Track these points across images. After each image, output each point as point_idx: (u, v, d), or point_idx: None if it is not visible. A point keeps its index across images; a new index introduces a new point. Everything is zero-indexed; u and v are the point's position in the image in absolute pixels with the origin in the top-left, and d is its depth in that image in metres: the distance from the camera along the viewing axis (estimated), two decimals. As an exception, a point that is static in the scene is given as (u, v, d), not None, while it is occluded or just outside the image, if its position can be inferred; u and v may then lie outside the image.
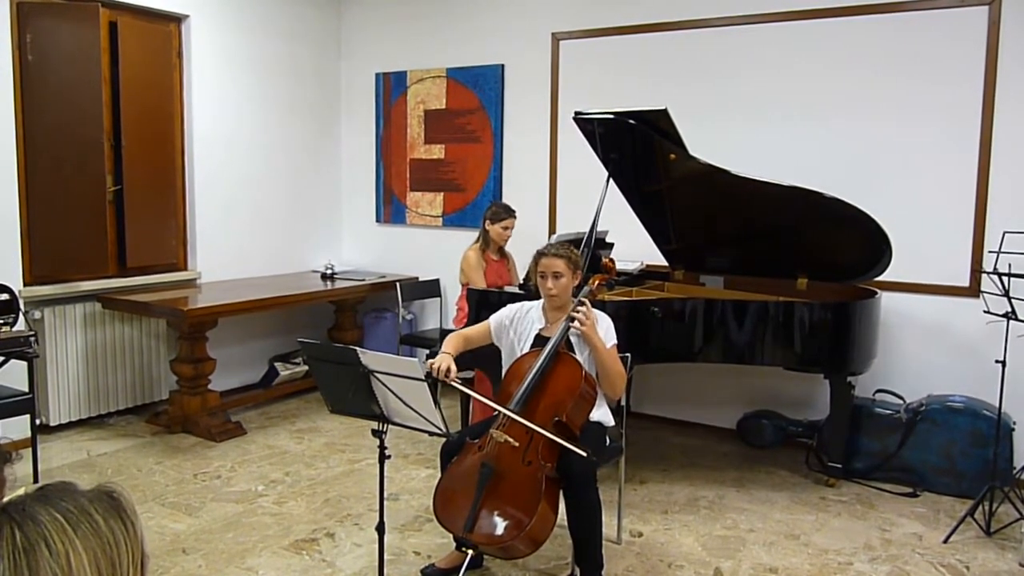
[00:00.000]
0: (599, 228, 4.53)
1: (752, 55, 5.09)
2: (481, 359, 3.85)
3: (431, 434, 2.88)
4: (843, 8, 4.79)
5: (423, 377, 2.72)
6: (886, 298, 4.61)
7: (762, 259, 4.77)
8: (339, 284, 6.15)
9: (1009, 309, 3.78)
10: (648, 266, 5.23)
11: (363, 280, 6.26)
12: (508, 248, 5.37)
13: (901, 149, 4.73)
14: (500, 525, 3.02)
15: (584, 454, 2.98)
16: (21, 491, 0.99)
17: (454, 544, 3.39)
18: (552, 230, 5.83)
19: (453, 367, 3.24)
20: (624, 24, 5.50)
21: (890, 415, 4.56)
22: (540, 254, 3.46)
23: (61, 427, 5.13)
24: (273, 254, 6.42)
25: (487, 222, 5.23)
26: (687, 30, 5.28)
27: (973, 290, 4.53)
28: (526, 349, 3.44)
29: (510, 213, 5.23)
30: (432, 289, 6.36)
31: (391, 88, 6.63)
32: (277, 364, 6.25)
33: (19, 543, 0.89)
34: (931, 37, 4.60)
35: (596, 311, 3.40)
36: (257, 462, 4.76)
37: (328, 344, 3.20)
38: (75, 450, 4.87)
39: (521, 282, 4.91)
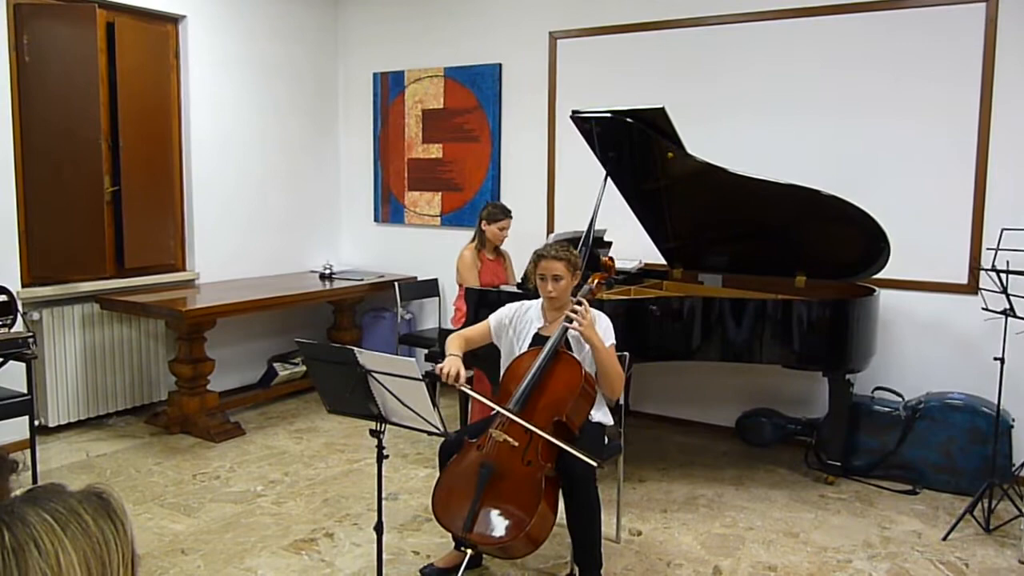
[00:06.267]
0: (597, 227, 4.53)
1: (749, 53, 5.09)
2: (480, 358, 3.86)
3: (429, 434, 2.88)
4: (840, 5, 4.79)
5: (421, 377, 2.72)
6: (884, 296, 4.61)
7: (760, 257, 4.76)
8: (337, 284, 6.15)
9: (1007, 306, 3.77)
10: (646, 265, 5.23)
11: (361, 280, 6.25)
12: (504, 246, 5.37)
13: (899, 146, 4.72)
14: (500, 525, 3.01)
15: (594, 463, 2.97)
16: (18, 492, 0.99)
17: (453, 543, 3.40)
18: (550, 229, 5.83)
19: (463, 371, 3.25)
20: (621, 23, 5.50)
21: (889, 412, 4.56)
22: (539, 256, 3.44)
23: (60, 428, 5.13)
24: (271, 254, 6.42)
25: (483, 222, 5.23)
26: (685, 28, 5.28)
27: (971, 287, 4.53)
28: (524, 348, 3.43)
29: (506, 214, 5.23)
30: (430, 289, 6.36)
31: (389, 88, 6.63)
32: (276, 364, 6.25)
33: (8, 544, 0.89)
34: (928, 34, 4.59)
35: (594, 310, 3.39)
36: (256, 462, 4.76)
37: (326, 344, 3.19)
38: (74, 451, 4.87)
39: (519, 281, 4.91)
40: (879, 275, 4.52)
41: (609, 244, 5.11)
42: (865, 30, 4.75)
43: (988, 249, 4.08)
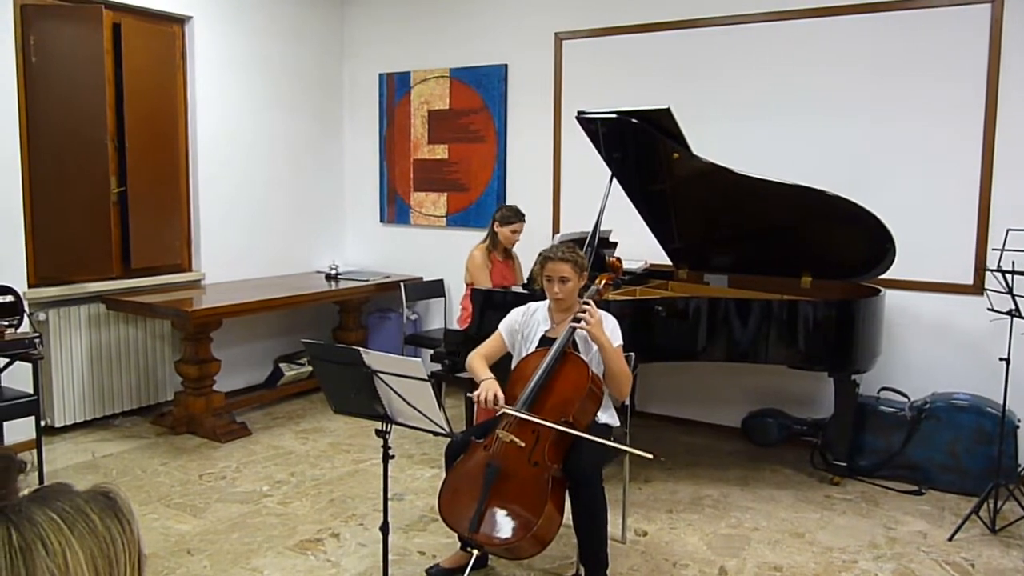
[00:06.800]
0: (603, 227, 4.53)
1: (756, 53, 5.08)
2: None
3: (435, 434, 2.88)
4: (846, 6, 4.78)
5: (426, 377, 2.72)
6: (890, 296, 4.61)
7: (766, 258, 4.76)
8: (343, 284, 6.15)
9: (1013, 307, 3.76)
10: (652, 265, 5.22)
11: (367, 280, 6.26)
12: (513, 249, 5.38)
13: (904, 147, 4.72)
14: (506, 526, 3.01)
15: (649, 456, 2.97)
16: (25, 492, 0.99)
17: (459, 544, 3.40)
18: (556, 229, 5.83)
19: (500, 392, 3.23)
20: (627, 23, 5.50)
21: (895, 413, 4.55)
22: (546, 258, 3.43)
23: (66, 428, 5.15)
24: (277, 255, 6.43)
25: (496, 224, 5.24)
26: (690, 29, 5.28)
27: (977, 288, 4.52)
28: (532, 350, 3.43)
29: (520, 217, 5.24)
30: (436, 289, 6.36)
31: (394, 88, 6.63)
32: (282, 364, 6.26)
33: (15, 543, 0.89)
34: (934, 35, 4.59)
35: (600, 311, 3.39)
36: (262, 462, 4.76)
37: (332, 344, 3.20)
38: (80, 451, 4.89)
39: (524, 282, 4.91)
40: (885, 275, 4.51)
41: (615, 245, 5.11)
42: (870, 31, 4.74)
43: (993, 249, 4.06)
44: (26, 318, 4.54)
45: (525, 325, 3.54)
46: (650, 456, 2.98)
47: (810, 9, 4.89)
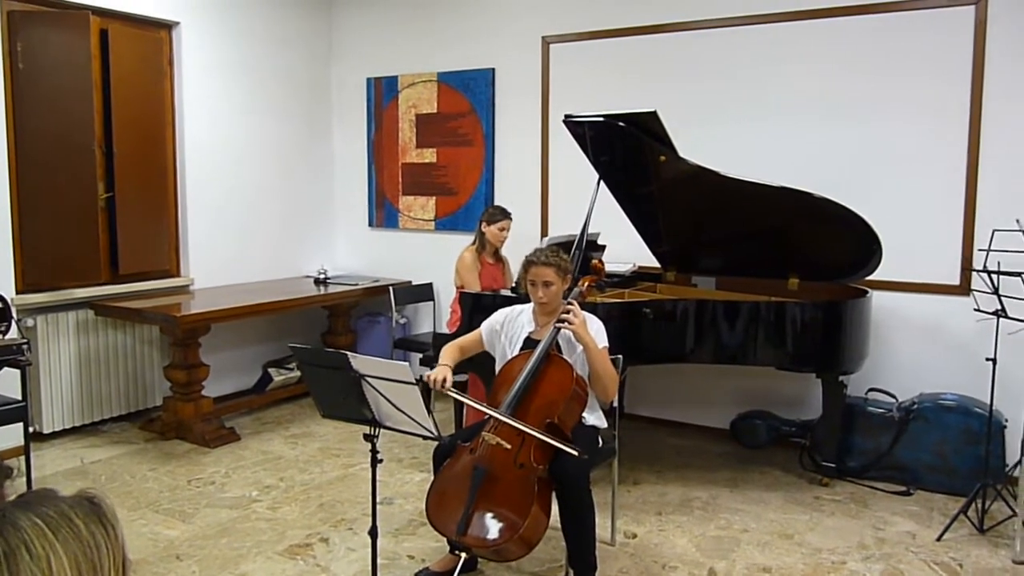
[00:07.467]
0: (591, 230, 4.54)
1: (741, 57, 5.10)
2: (475, 362, 3.86)
3: (424, 438, 2.89)
4: (830, 9, 4.81)
5: (414, 381, 2.73)
6: (877, 297, 4.63)
7: (753, 259, 4.77)
8: (332, 289, 6.15)
9: (999, 307, 3.79)
10: (640, 268, 5.24)
11: (356, 285, 6.26)
12: (503, 251, 5.39)
13: (890, 148, 4.75)
14: (493, 528, 3.02)
15: (575, 453, 3.00)
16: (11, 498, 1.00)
17: (448, 547, 3.40)
18: (544, 232, 5.85)
19: (449, 377, 3.28)
20: (614, 27, 5.52)
21: (883, 414, 4.57)
22: (529, 262, 3.45)
23: (54, 435, 5.12)
24: (266, 259, 6.42)
25: (483, 224, 5.26)
26: (677, 32, 5.30)
27: (963, 288, 4.55)
28: (516, 352, 3.45)
29: (506, 215, 5.26)
30: (425, 293, 6.36)
31: (382, 93, 6.64)
32: (271, 369, 6.24)
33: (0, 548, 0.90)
34: (919, 36, 4.62)
35: (585, 313, 3.41)
36: (251, 468, 4.75)
37: (319, 349, 3.20)
38: (68, 457, 4.87)
39: (512, 285, 4.92)
40: (872, 276, 4.54)
41: (603, 248, 5.12)
42: (856, 33, 4.77)
43: (979, 250, 4.09)
44: (14, 324, 4.53)
45: (509, 326, 3.56)
46: (575, 453, 3.00)
47: (794, 12, 4.91)
